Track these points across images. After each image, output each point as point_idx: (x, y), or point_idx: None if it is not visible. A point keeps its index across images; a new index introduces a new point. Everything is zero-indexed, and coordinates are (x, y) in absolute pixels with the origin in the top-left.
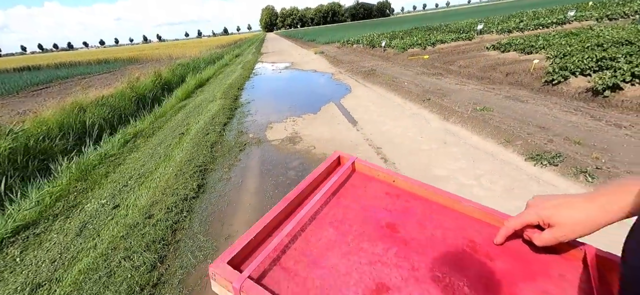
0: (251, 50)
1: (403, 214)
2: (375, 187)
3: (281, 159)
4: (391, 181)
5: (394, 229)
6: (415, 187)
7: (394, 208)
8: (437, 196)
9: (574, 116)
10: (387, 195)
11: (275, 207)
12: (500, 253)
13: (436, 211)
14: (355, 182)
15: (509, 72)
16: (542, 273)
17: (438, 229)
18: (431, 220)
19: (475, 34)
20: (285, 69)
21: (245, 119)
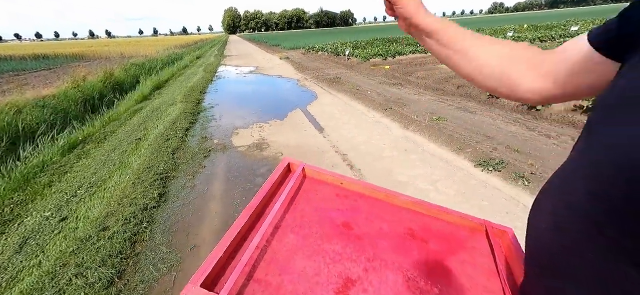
0: (213, 53)
1: (353, 212)
2: (326, 190)
3: (248, 165)
4: (339, 184)
5: (349, 227)
6: (360, 187)
7: (345, 208)
8: (378, 193)
9: (513, 127)
10: (338, 196)
11: (238, 220)
12: (432, 236)
13: (379, 207)
14: (307, 187)
15: (460, 85)
16: (460, 247)
17: (384, 223)
18: (377, 216)
19: None
20: (250, 73)
21: (210, 124)
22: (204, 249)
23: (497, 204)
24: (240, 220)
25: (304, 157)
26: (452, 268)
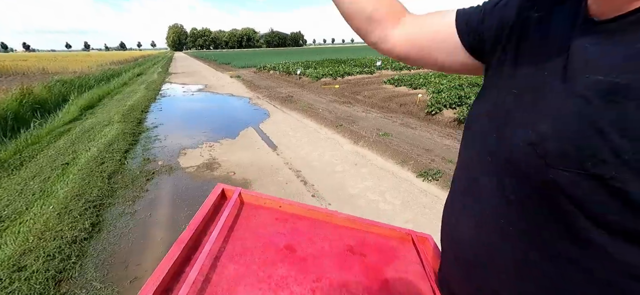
0: (156, 69)
1: (295, 234)
2: (265, 214)
3: (198, 186)
4: (278, 207)
5: (291, 249)
6: (298, 209)
7: (285, 231)
8: (317, 214)
9: (447, 140)
10: (277, 220)
11: (168, 253)
12: (368, 250)
13: (318, 227)
14: (246, 213)
15: (402, 103)
16: (393, 257)
17: (324, 242)
18: (317, 236)
19: (375, 68)
20: (198, 91)
21: (153, 145)
22: (146, 280)
23: (436, 210)
24: (171, 254)
25: (257, 175)
26: (389, 277)
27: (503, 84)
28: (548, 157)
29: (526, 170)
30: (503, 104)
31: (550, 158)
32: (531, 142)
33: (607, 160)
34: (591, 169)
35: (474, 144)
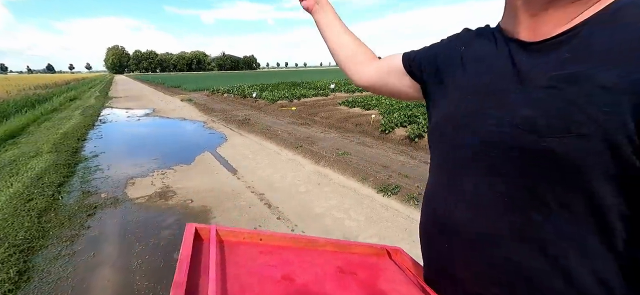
0: (94, 93)
1: (286, 264)
2: (248, 250)
3: (150, 218)
4: (258, 240)
5: (290, 279)
6: (279, 240)
7: (276, 263)
8: (298, 242)
9: (401, 156)
10: (262, 254)
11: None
12: (356, 268)
13: (305, 254)
14: (229, 251)
15: (358, 123)
16: (379, 270)
17: (316, 267)
18: (307, 262)
19: (329, 91)
20: (145, 116)
21: (94, 176)
22: None
23: (398, 224)
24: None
25: (218, 201)
26: (384, 289)
27: (453, 96)
28: (540, 131)
29: (521, 145)
30: (464, 107)
31: (542, 131)
32: (516, 124)
33: (586, 124)
34: (575, 130)
35: (446, 143)
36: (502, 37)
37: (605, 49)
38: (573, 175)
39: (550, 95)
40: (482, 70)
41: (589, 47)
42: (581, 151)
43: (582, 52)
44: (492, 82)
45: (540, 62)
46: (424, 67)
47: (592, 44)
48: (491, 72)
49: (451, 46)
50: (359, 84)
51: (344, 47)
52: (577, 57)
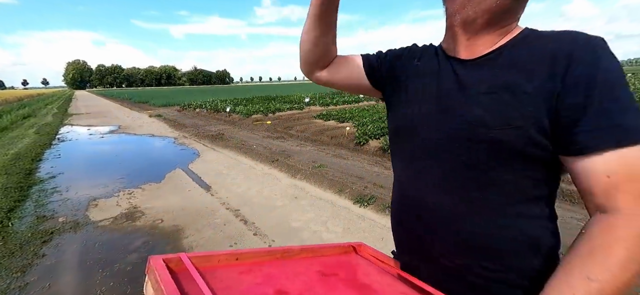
0: (51, 110)
1: (272, 279)
2: (228, 273)
3: (116, 241)
4: (235, 260)
5: (284, 292)
6: (256, 256)
7: (261, 280)
8: (275, 254)
9: (376, 167)
10: (243, 274)
11: None
12: (337, 268)
13: (285, 266)
14: (209, 279)
15: (333, 136)
16: (354, 266)
17: (301, 275)
18: (290, 272)
19: (304, 104)
20: (110, 133)
21: (50, 199)
22: None
23: (374, 233)
24: None
25: (191, 219)
26: (367, 282)
27: (412, 102)
28: (488, 125)
29: (475, 136)
30: (425, 110)
31: (490, 125)
32: (469, 121)
33: (519, 119)
34: (513, 124)
35: (412, 140)
36: (444, 55)
37: (522, 63)
38: (513, 157)
39: (492, 99)
40: (433, 81)
41: (512, 63)
42: (518, 138)
43: (508, 67)
44: (442, 90)
45: (478, 74)
46: (384, 75)
47: (514, 60)
48: (440, 82)
49: (405, 58)
50: (317, 80)
51: (325, 43)
52: (505, 70)
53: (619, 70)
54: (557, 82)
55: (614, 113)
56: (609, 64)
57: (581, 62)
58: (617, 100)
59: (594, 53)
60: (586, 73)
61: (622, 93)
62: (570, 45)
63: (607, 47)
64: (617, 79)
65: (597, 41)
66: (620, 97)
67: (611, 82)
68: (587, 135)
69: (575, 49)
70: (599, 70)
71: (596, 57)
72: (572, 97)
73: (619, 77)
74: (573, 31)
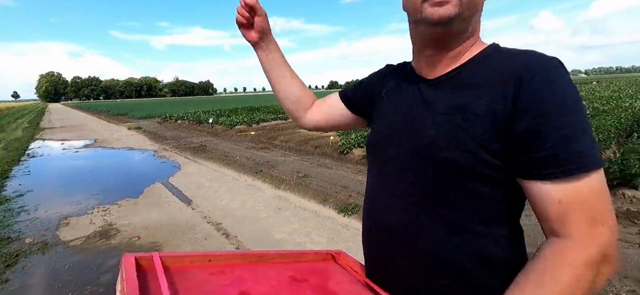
0: (21, 125)
1: (241, 281)
2: (198, 274)
3: (87, 262)
4: (207, 261)
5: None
6: (229, 258)
7: (229, 282)
8: (249, 258)
9: (360, 176)
10: (213, 275)
11: None
12: (308, 275)
13: (257, 269)
14: (177, 279)
15: (317, 145)
16: (327, 273)
17: (271, 280)
18: (261, 276)
19: None
20: (85, 147)
21: (17, 219)
22: None
23: (358, 242)
24: None
25: (169, 235)
26: (336, 289)
27: (383, 119)
28: (441, 146)
29: (430, 155)
30: (391, 128)
31: (442, 146)
32: (426, 141)
33: (468, 141)
34: (463, 146)
35: (378, 157)
36: (413, 74)
37: (477, 83)
38: (467, 178)
39: (446, 119)
40: (401, 99)
41: (468, 83)
42: (469, 160)
43: (464, 87)
44: (409, 108)
45: (437, 94)
46: (361, 102)
47: (470, 80)
48: (408, 100)
49: (379, 80)
50: (307, 128)
51: (292, 94)
52: (460, 90)
53: (573, 94)
54: (507, 105)
55: (564, 139)
56: (561, 88)
57: (532, 85)
58: (567, 126)
59: (545, 76)
60: (537, 97)
61: (573, 118)
62: (523, 67)
63: (561, 69)
64: (569, 103)
65: (551, 63)
66: (571, 123)
67: (562, 107)
68: (537, 163)
69: (528, 70)
70: (551, 94)
71: (548, 80)
72: (522, 121)
73: (572, 101)
74: (531, 52)
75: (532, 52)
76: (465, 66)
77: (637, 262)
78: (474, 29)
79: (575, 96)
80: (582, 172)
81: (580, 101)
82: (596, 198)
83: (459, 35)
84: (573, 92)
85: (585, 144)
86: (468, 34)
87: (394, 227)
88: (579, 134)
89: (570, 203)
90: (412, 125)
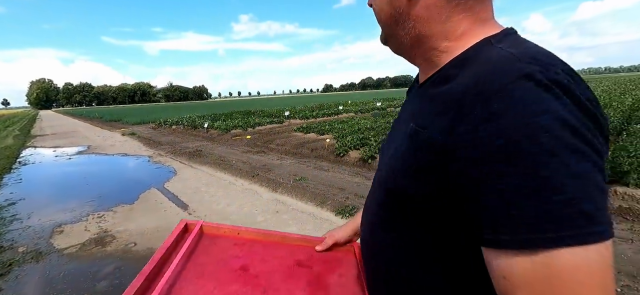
0: (12, 132)
1: (250, 255)
2: (224, 242)
3: (83, 270)
4: (236, 234)
5: (245, 269)
6: (255, 234)
7: (242, 254)
8: (272, 236)
9: (356, 178)
10: (235, 245)
11: (130, 285)
12: (315, 263)
13: (273, 247)
14: (206, 242)
15: (313, 148)
16: (338, 265)
17: (275, 260)
18: (270, 255)
19: (284, 118)
20: (78, 154)
21: (9, 228)
22: None
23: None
24: (132, 285)
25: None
26: (330, 283)
27: (392, 128)
28: (386, 168)
29: (385, 183)
30: (383, 143)
31: (388, 168)
32: (384, 167)
33: (422, 168)
34: (397, 175)
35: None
36: (416, 80)
37: (437, 99)
38: (416, 207)
39: (401, 138)
40: (403, 109)
41: (432, 96)
42: (420, 190)
43: (427, 100)
44: (401, 117)
45: (413, 104)
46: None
47: (433, 93)
48: (405, 110)
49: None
50: None
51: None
52: (421, 104)
53: (544, 128)
54: (448, 136)
55: (514, 200)
56: (524, 118)
57: (471, 115)
58: (522, 178)
59: (491, 101)
60: (484, 130)
61: (529, 168)
62: (471, 86)
63: (528, 92)
64: (530, 143)
65: (514, 77)
66: (527, 175)
67: (517, 149)
68: (477, 223)
69: (473, 93)
70: (504, 128)
71: (493, 111)
72: (462, 162)
73: (536, 140)
74: (501, 58)
75: (502, 58)
76: (439, 73)
77: (631, 258)
78: (429, 33)
79: (545, 131)
80: (526, 246)
81: (553, 138)
82: (561, 285)
83: (406, 48)
84: (546, 126)
85: (538, 209)
86: (425, 41)
87: (363, 242)
88: (532, 192)
89: (515, 282)
90: (390, 139)
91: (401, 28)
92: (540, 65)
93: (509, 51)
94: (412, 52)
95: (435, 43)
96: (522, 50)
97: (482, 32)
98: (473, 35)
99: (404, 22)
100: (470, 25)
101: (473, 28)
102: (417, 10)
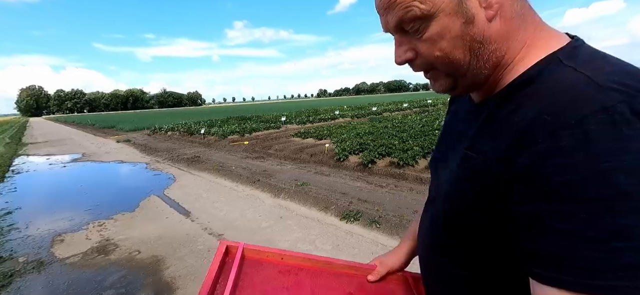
0: (3, 140)
1: (299, 288)
2: (268, 269)
3: (87, 279)
4: (280, 259)
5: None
6: (299, 260)
7: (289, 285)
8: (317, 263)
9: (358, 182)
10: (280, 273)
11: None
12: (367, 293)
13: (320, 276)
14: (250, 269)
15: (312, 153)
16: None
17: (326, 291)
18: (318, 286)
19: (281, 123)
20: (73, 161)
21: (7, 238)
22: None
23: (363, 249)
24: None
25: (171, 248)
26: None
27: (440, 138)
28: (443, 191)
29: (444, 206)
30: (437, 152)
31: (444, 191)
32: (443, 186)
33: (460, 196)
34: (455, 199)
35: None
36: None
37: (494, 124)
38: (469, 233)
39: (460, 159)
40: (452, 120)
41: (488, 120)
42: (472, 217)
43: (485, 127)
44: (454, 133)
45: (470, 125)
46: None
47: (491, 117)
48: (456, 125)
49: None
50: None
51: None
52: (480, 131)
53: (621, 171)
54: (509, 166)
55: (579, 244)
56: (598, 161)
57: (535, 146)
58: (587, 223)
59: (571, 134)
60: (551, 165)
61: (598, 214)
62: (535, 116)
63: (610, 124)
64: (604, 186)
65: (590, 110)
66: (594, 220)
67: (591, 193)
68: (528, 259)
69: (538, 123)
70: (575, 166)
71: (574, 144)
72: (521, 194)
73: (609, 183)
74: (575, 84)
75: (573, 87)
76: (496, 96)
77: None
78: (507, 49)
79: (622, 176)
80: (578, 291)
81: (631, 185)
82: None
83: (482, 79)
84: (626, 168)
85: (601, 255)
86: (502, 62)
87: (421, 257)
88: (595, 237)
89: None
90: (450, 156)
91: (480, 58)
92: (624, 93)
93: (583, 74)
94: (489, 79)
95: (508, 60)
96: (600, 72)
97: (543, 43)
98: (535, 46)
99: (484, 48)
100: (530, 33)
101: (533, 37)
102: (500, 26)
